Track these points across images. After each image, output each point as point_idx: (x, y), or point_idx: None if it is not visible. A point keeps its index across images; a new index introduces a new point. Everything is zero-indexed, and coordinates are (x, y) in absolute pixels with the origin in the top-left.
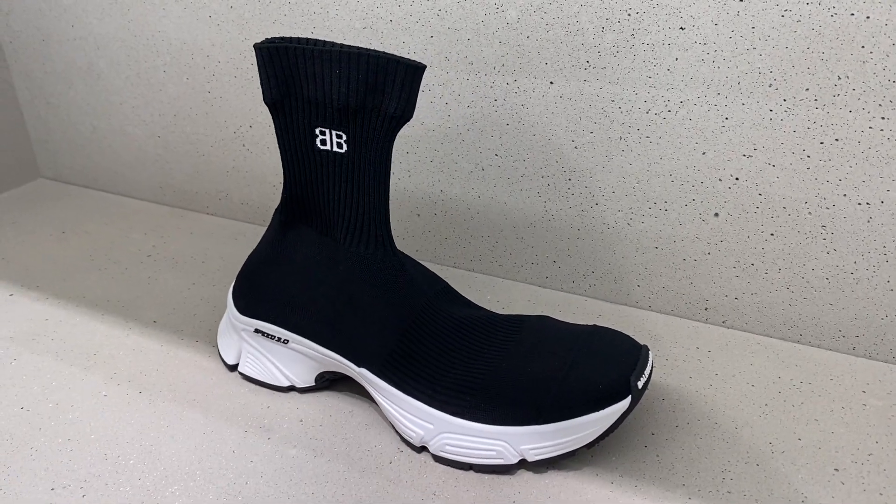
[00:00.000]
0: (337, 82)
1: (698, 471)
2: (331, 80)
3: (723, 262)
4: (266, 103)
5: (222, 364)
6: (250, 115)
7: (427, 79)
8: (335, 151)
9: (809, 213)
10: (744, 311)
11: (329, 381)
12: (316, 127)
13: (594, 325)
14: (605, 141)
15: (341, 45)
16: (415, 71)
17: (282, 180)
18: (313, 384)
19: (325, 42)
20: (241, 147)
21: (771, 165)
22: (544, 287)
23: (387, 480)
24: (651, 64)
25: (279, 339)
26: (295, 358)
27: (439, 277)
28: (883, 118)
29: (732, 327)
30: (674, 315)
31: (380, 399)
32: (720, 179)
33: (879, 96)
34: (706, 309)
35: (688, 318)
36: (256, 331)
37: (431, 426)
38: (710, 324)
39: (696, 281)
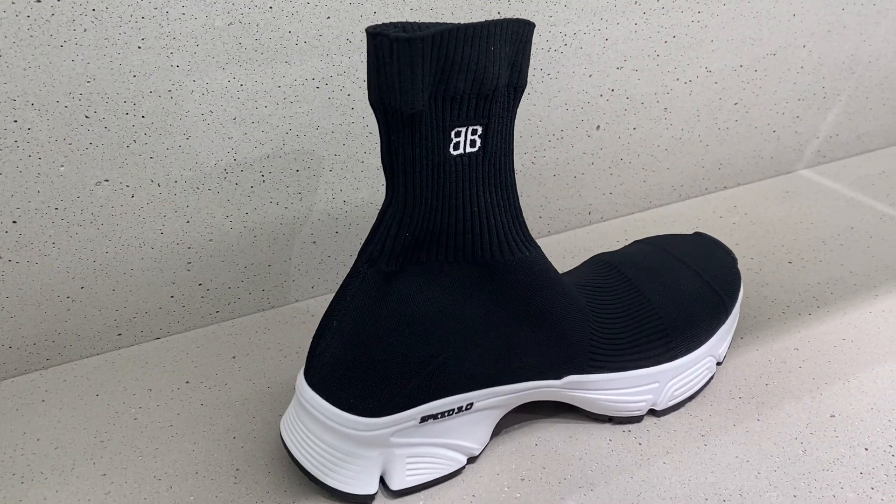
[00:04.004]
0: (491, 63)
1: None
2: (485, 61)
3: (601, 166)
4: (410, 112)
5: None
6: (14, 204)
7: (295, 76)
8: (469, 152)
9: (657, 101)
10: (615, 202)
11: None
12: (452, 129)
13: (643, 240)
14: None
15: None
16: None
17: (83, 285)
18: (489, 440)
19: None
20: None
21: (635, 70)
22: None
23: (662, 452)
24: (552, 3)
25: (460, 408)
26: (476, 420)
27: None
28: (699, 12)
29: (608, 219)
30: (566, 230)
31: (590, 396)
32: (601, 95)
33: None
34: (590, 213)
35: (577, 228)
36: (424, 419)
37: (657, 383)
38: (593, 223)
39: (582, 192)
